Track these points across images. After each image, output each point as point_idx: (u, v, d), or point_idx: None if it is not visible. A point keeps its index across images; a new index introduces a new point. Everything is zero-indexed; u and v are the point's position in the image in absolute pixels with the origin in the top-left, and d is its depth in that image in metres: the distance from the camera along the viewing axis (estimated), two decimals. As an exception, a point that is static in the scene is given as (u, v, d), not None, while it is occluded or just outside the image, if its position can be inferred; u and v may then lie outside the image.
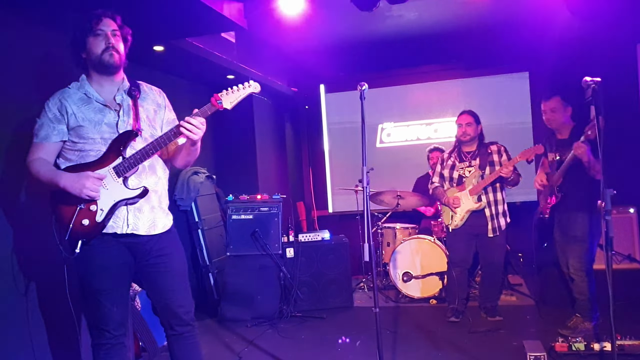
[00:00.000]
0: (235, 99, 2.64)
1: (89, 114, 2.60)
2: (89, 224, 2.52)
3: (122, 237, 2.62)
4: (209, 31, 4.59)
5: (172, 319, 2.76)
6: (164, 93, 2.89)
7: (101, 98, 2.64)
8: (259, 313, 5.21)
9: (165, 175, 2.82)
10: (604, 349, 3.55)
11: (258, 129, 6.72)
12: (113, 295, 2.64)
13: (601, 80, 3.10)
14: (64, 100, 2.61)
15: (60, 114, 2.59)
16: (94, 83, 2.66)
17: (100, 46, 2.58)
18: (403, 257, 5.62)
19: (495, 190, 4.66)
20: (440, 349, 4.09)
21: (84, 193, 2.47)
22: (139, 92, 2.71)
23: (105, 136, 2.59)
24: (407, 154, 7.47)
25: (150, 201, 2.68)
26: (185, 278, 2.82)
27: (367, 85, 3.27)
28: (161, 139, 2.59)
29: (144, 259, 2.70)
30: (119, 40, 2.64)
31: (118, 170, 2.56)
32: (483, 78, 7.25)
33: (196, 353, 2.88)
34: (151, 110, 2.76)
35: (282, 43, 6.34)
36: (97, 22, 2.58)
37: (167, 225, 2.77)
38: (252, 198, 5.48)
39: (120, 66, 2.66)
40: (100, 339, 2.67)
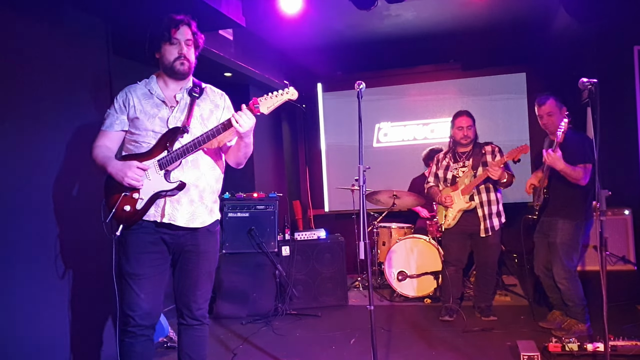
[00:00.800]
0: (272, 104, 2.73)
1: (147, 107, 2.78)
2: (130, 210, 2.67)
3: (161, 227, 2.74)
4: (207, 28, 4.56)
5: (185, 310, 2.88)
6: (226, 96, 3.00)
7: (162, 95, 2.81)
8: (254, 311, 5.22)
9: (212, 172, 2.87)
10: (597, 350, 3.57)
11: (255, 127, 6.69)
12: (142, 282, 2.73)
13: (598, 81, 3.12)
14: (130, 93, 2.82)
15: (124, 105, 2.80)
16: (161, 81, 2.85)
17: (174, 54, 2.75)
18: (398, 256, 5.63)
19: (488, 190, 4.67)
20: (434, 348, 4.10)
21: (125, 181, 2.63)
22: (199, 92, 2.85)
23: (157, 130, 2.75)
24: (403, 154, 7.48)
25: (189, 195, 2.75)
26: (209, 279, 2.93)
27: (365, 84, 3.28)
28: (206, 134, 2.69)
29: (176, 251, 2.82)
30: (191, 48, 2.82)
31: (161, 163, 2.69)
32: (480, 78, 7.27)
33: (201, 347, 2.96)
34: (207, 110, 2.86)
35: (280, 41, 6.35)
36: (175, 30, 2.74)
37: (206, 222, 2.84)
38: (249, 196, 5.48)
39: (190, 73, 2.83)
40: (126, 325, 2.74)
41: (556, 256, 4.20)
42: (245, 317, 5.14)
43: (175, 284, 2.90)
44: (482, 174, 4.55)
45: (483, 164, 4.64)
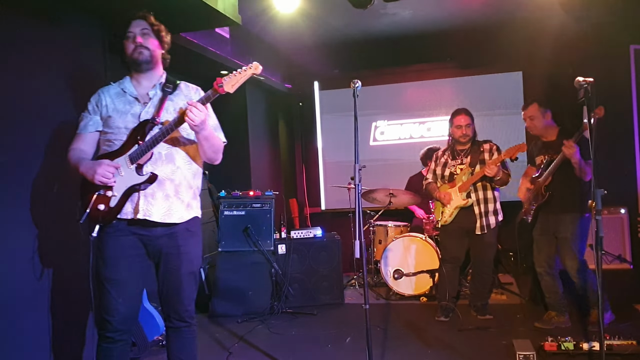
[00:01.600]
0: (237, 81, 2.64)
1: (119, 105, 2.77)
2: (104, 208, 2.64)
3: (136, 226, 2.69)
4: (203, 27, 4.57)
5: (172, 313, 2.84)
6: (201, 90, 2.95)
7: (135, 92, 2.80)
8: (250, 309, 5.21)
9: (188, 167, 2.83)
10: (593, 349, 3.57)
11: (251, 125, 6.70)
12: (120, 287, 2.69)
13: (594, 80, 3.12)
14: (102, 94, 2.82)
15: (96, 106, 2.80)
16: (134, 80, 2.85)
17: (130, 47, 2.75)
18: (394, 254, 5.63)
19: (485, 188, 4.67)
20: (430, 347, 4.10)
21: (96, 179, 2.60)
22: (173, 88, 2.83)
23: (129, 126, 2.72)
24: (400, 153, 7.48)
25: (164, 189, 2.71)
26: (191, 280, 2.87)
27: (361, 82, 3.28)
28: (168, 125, 2.65)
29: (156, 253, 2.77)
30: (150, 38, 2.79)
31: (132, 157, 2.66)
32: (476, 77, 7.26)
33: (190, 349, 2.92)
34: (181, 104, 2.80)
35: (277, 39, 6.34)
36: (126, 25, 2.77)
37: (184, 217, 2.78)
38: (245, 194, 5.47)
39: (152, 62, 2.80)
40: (104, 330, 2.71)
41: (569, 251, 4.22)
42: (241, 316, 5.13)
43: (160, 287, 2.84)
44: (479, 171, 4.55)
45: (481, 162, 4.64)
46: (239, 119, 6.60)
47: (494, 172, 4.43)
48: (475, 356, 3.87)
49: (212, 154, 2.84)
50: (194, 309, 2.92)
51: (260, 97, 7.13)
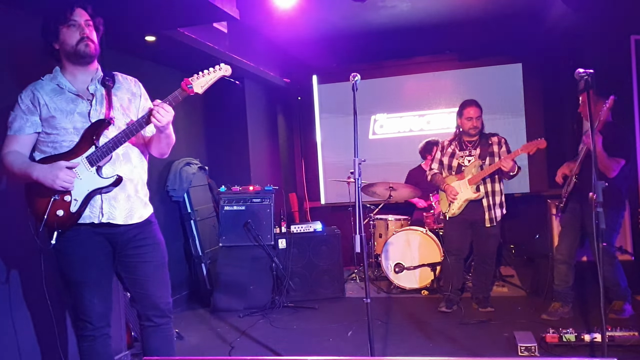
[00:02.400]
0: (206, 82, 2.61)
1: (61, 104, 2.59)
2: (64, 214, 2.52)
3: (100, 227, 2.61)
4: (201, 21, 4.55)
5: (151, 311, 2.75)
6: (140, 83, 2.86)
7: (74, 88, 2.63)
8: (252, 303, 5.22)
9: (142, 165, 2.80)
10: (594, 340, 3.57)
11: (250, 120, 6.69)
12: (93, 287, 2.64)
13: (594, 71, 3.10)
14: (37, 92, 2.60)
15: (33, 106, 2.58)
16: (67, 74, 2.65)
17: (75, 37, 2.56)
18: (395, 248, 5.62)
19: (493, 180, 4.66)
20: (432, 340, 4.11)
21: (57, 184, 2.46)
22: (112, 81, 2.70)
23: (78, 126, 2.58)
24: (400, 146, 7.46)
25: (125, 190, 2.66)
26: (165, 269, 2.80)
27: (360, 76, 3.26)
28: (133, 126, 2.58)
29: (123, 249, 2.69)
30: (92, 30, 2.62)
31: (91, 160, 2.54)
32: (476, 69, 7.24)
33: (171, 345, 2.87)
34: (125, 99, 2.73)
35: (275, 33, 6.31)
36: (70, 12, 2.56)
37: (143, 216, 2.75)
38: (245, 189, 5.47)
39: (95, 56, 2.65)
40: (83, 330, 2.68)
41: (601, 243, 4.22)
42: (243, 310, 5.13)
43: (133, 286, 2.74)
44: (493, 165, 4.52)
45: (490, 155, 4.63)
46: (238, 114, 6.59)
47: (509, 165, 4.42)
48: (477, 348, 3.87)
49: (167, 148, 2.79)
50: (171, 302, 2.84)
51: (259, 91, 7.11)
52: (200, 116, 6.40)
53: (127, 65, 4.82)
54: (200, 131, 6.40)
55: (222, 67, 2.65)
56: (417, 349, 3.93)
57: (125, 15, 3.86)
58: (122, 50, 4.80)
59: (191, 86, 2.57)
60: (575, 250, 4.42)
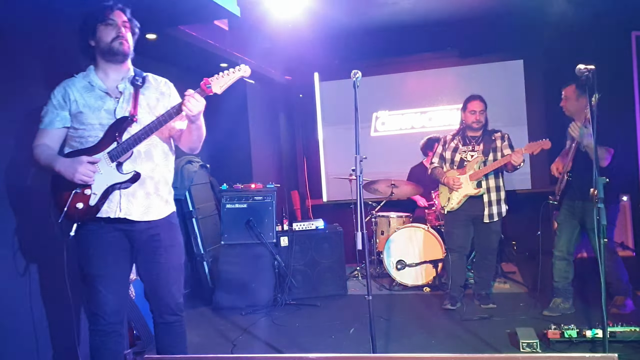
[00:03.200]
0: (225, 83, 2.67)
1: (89, 100, 2.68)
2: (83, 207, 2.58)
3: (118, 222, 2.66)
4: (202, 19, 4.56)
5: (163, 308, 2.82)
6: (171, 83, 2.94)
7: (104, 86, 2.72)
8: (254, 301, 5.22)
9: (165, 163, 2.84)
10: (596, 336, 3.58)
11: (252, 117, 6.70)
12: (108, 282, 2.68)
13: (595, 67, 3.10)
14: (68, 88, 2.70)
15: (63, 101, 2.68)
16: (100, 72, 2.75)
17: (111, 35, 2.67)
18: (397, 245, 5.63)
19: (496, 176, 4.65)
20: (434, 337, 4.11)
21: (77, 177, 2.53)
22: (142, 81, 2.78)
23: (104, 122, 2.66)
24: (401, 143, 7.46)
25: (145, 187, 2.70)
26: (181, 271, 2.87)
27: (361, 73, 3.27)
28: (157, 120, 2.63)
29: (141, 247, 2.75)
30: (129, 32, 2.74)
31: (112, 155, 2.61)
32: (478, 66, 7.24)
33: (182, 342, 2.92)
34: (153, 99, 2.80)
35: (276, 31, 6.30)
36: (109, 12, 2.68)
37: (162, 214, 2.79)
38: (246, 187, 5.47)
39: (128, 55, 2.74)
40: (96, 324, 2.71)
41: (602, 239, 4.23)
42: (245, 308, 5.14)
43: (148, 283, 2.82)
44: (501, 159, 4.52)
45: (493, 150, 4.63)
46: (240, 112, 6.60)
47: (520, 160, 4.42)
48: (479, 345, 3.87)
49: (198, 142, 2.85)
50: (182, 301, 2.91)
51: (260, 89, 7.11)
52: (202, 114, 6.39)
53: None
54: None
55: (241, 68, 2.70)
56: (419, 346, 3.94)
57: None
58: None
59: (210, 86, 2.63)
60: (574, 246, 4.42)
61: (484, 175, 4.61)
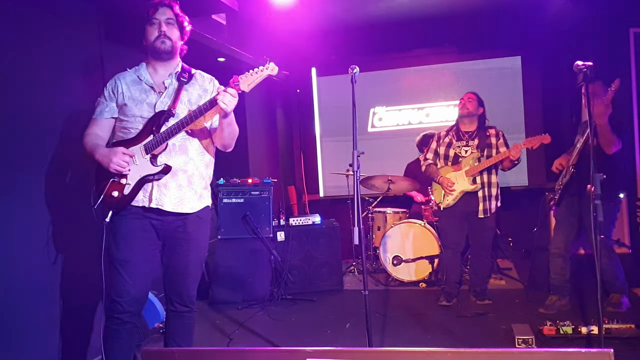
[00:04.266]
0: (252, 81, 2.73)
1: (135, 93, 2.79)
2: (118, 195, 2.69)
3: (150, 212, 2.75)
4: (199, 13, 4.54)
5: (175, 298, 2.91)
6: (215, 80, 3.00)
7: (151, 80, 2.82)
8: (250, 296, 5.23)
9: (200, 158, 2.88)
10: (592, 333, 3.60)
11: (249, 112, 6.67)
12: (130, 267, 2.74)
13: (593, 64, 3.10)
14: (118, 80, 2.83)
15: (112, 93, 2.82)
16: (150, 68, 2.86)
17: (154, 34, 2.76)
18: (393, 241, 5.64)
19: (490, 172, 4.66)
20: (429, 332, 4.12)
21: (111, 167, 2.64)
22: (188, 77, 2.85)
23: (145, 115, 2.76)
24: (398, 139, 7.46)
25: (177, 179, 2.76)
26: (198, 266, 2.95)
27: (359, 68, 3.26)
28: (189, 115, 2.68)
29: (166, 237, 2.83)
30: (173, 28, 2.80)
31: (147, 147, 2.71)
32: (475, 62, 7.23)
33: (189, 333, 3.01)
34: (195, 95, 2.86)
35: (274, 25, 6.29)
36: (153, 11, 2.76)
37: (195, 207, 2.85)
38: (243, 182, 5.47)
39: (173, 52, 2.82)
40: (113, 311, 2.74)
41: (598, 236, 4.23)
42: (241, 302, 5.15)
43: (165, 271, 2.91)
44: (499, 155, 4.52)
45: (488, 146, 4.63)
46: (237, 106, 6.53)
47: (519, 154, 4.44)
48: (475, 341, 3.88)
49: (231, 140, 2.90)
50: (195, 295, 2.98)
51: (258, 84, 7.07)
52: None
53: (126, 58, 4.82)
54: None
55: (269, 67, 2.74)
56: (415, 341, 3.95)
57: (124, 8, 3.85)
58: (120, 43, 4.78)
59: (238, 84, 2.68)
60: (571, 243, 4.43)
61: (479, 171, 4.61)
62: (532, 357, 1.71)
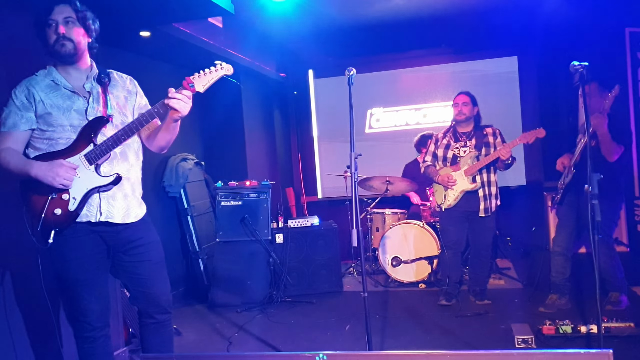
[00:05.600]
0: (207, 81, 2.59)
1: (57, 100, 2.54)
2: (62, 213, 2.47)
3: (96, 225, 2.58)
4: (196, 16, 4.54)
5: (152, 308, 2.74)
6: (135, 80, 2.83)
7: (69, 85, 2.58)
8: (249, 298, 5.22)
9: (137, 163, 2.76)
10: (591, 331, 3.60)
11: (246, 115, 6.68)
12: (90, 286, 2.60)
13: (589, 64, 3.11)
14: (32, 88, 2.54)
15: (28, 102, 2.52)
16: (61, 71, 2.60)
17: (52, 37, 2.50)
18: (392, 242, 5.64)
19: (489, 171, 4.66)
20: (429, 333, 4.12)
21: (57, 182, 2.42)
22: (108, 79, 2.66)
23: (75, 123, 2.53)
24: (396, 140, 7.47)
25: (123, 189, 2.63)
26: (163, 266, 2.80)
27: (355, 70, 3.26)
28: (138, 120, 2.55)
29: (120, 249, 2.67)
30: (74, 27, 2.52)
31: (89, 158, 2.50)
32: (472, 62, 7.24)
33: (171, 341, 2.88)
34: (121, 97, 2.70)
35: (270, 28, 6.29)
36: (48, 12, 2.49)
37: (139, 215, 2.72)
38: (241, 184, 5.47)
39: (77, 54, 2.56)
40: (83, 331, 2.64)
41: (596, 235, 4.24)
42: (240, 305, 5.14)
43: (134, 284, 2.73)
44: (492, 154, 4.54)
45: (485, 145, 4.64)
46: (234, 109, 6.58)
47: (508, 154, 4.44)
48: (474, 341, 3.88)
49: (170, 143, 2.76)
50: (171, 299, 2.84)
51: (255, 86, 7.09)
52: (196, 111, 6.34)
53: (122, 61, 4.82)
54: (196, 126, 6.39)
55: (223, 67, 2.62)
56: (415, 342, 3.94)
57: (120, 10, 3.85)
58: (116, 46, 4.79)
59: (193, 85, 2.55)
60: (573, 242, 4.44)
61: (478, 170, 4.62)
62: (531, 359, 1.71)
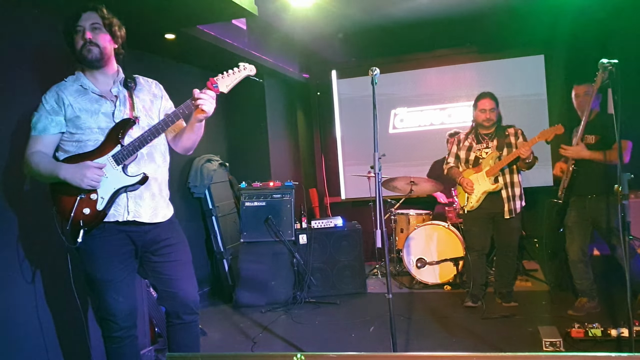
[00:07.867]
0: (231, 82, 2.66)
1: (85, 104, 2.61)
2: (90, 212, 2.53)
3: (124, 225, 2.63)
4: (220, 19, 4.57)
5: (181, 308, 2.78)
6: (160, 85, 2.91)
7: (97, 89, 2.66)
8: (273, 299, 5.24)
9: (164, 164, 2.82)
10: (622, 335, 3.51)
11: (270, 116, 6.70)
12: (118, 286, 2.65)
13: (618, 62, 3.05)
14: (61, 92, 2.62)
15: (57, 106, 2.60)
16: (89, 76, 2.68)
17: (79, 43, 2.58)
18: (417, 243, 5.60)
19: (512, 172, 4.60)
20: (455, 335, 4.08)
21: (85, 183, 2.48)
22: (134, 83, 2.73)
23: (102, 125, 2.61)
24: (420, 140, 7.42)
25: (150, 189, 2.69)
26: (191, 267, 2.84)
27: (379, 70, 3.24)
28: (164, 121, 2.61)
29: (148, 249, 2.72)
30: (100, 33, 2.61)
31: (117, 158, 2.57)
32: (497, 61, 7.17)
33: (197, 341, 2.91)
34: (147, 101, 2.77)
35: (293, 29, 6.31)
36: (76, 19, 2.58)
37: (167, 215, 2.78)
38: (265, 185, 5.49)
39: (104, 59, 2.63)
40: (110, 331, 2.68)
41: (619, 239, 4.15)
42: (265, 306, 5.16)
43: (160, 286, 2.78)
44: (512, 153, 4.47)
45: (507, 145, 4.58)
46: (258, 110, 6.61)
47: (528, 153, 4.36)
48: (501, 344, 3.83)
49: (195, 144, 2.83)
50: (198, 300, 2.87)
51: (278, 87, 7.12)
52: (220, 113, 6.43)
53: (147, 63, 4.88)
54: (220, 128, 6.44)
55: (246, 67, 2.68)
56: (440, 344, 3.91)
57: (145, 14, 3.89)
58: (142, 49, 4.84)
59: (217, 85, 2.62)
60: (587, 247, 4.35)
61: (500, 171, 4.56)
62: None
